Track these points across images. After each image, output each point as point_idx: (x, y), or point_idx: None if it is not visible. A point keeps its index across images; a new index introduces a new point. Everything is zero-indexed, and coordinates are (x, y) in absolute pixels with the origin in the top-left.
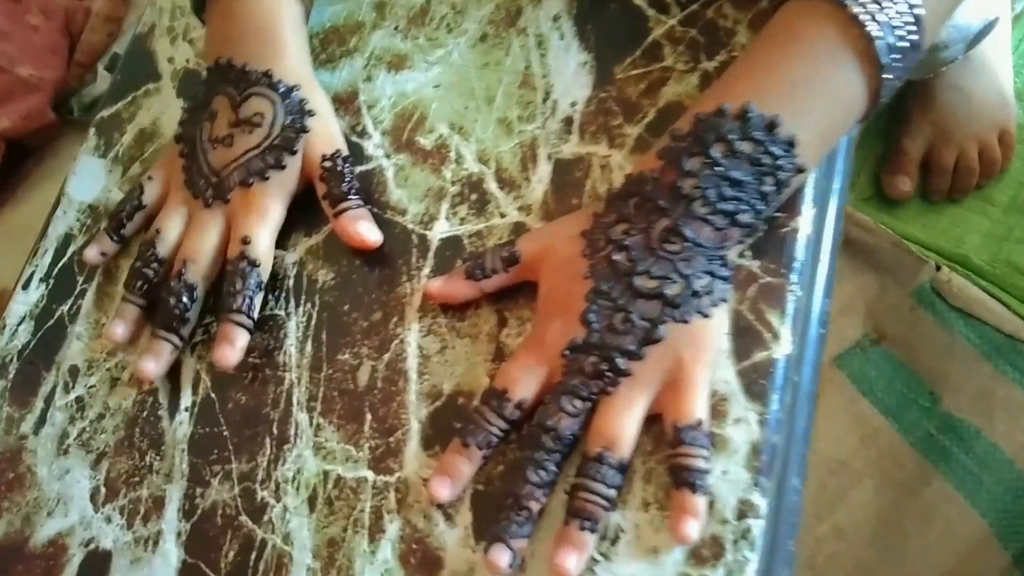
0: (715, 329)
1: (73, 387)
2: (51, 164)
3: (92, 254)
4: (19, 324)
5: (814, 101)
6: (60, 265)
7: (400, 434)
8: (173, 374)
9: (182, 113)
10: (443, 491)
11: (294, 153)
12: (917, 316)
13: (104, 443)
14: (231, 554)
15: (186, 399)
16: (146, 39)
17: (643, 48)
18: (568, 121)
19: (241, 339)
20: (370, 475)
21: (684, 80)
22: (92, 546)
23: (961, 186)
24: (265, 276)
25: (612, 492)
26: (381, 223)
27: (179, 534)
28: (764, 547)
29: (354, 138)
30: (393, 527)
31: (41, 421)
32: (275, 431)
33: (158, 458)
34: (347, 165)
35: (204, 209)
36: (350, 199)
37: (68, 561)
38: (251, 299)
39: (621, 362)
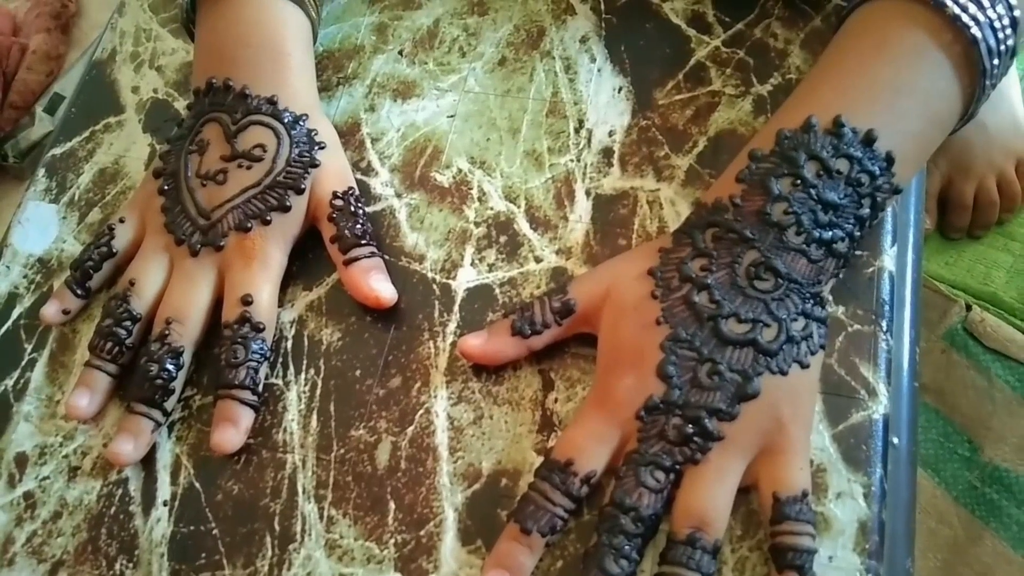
0: (813, 382)
1: (20, 480)
2: None
3: (51, 312)
4: None
5: (910, 111)
6: (3, 331)
7: (432, 526)
8: (147, 460)
9: (162, 145)
10: None
11: (301, 192)
12: (951, 360)
13: (61, 549)
14: None
15: (164, 491)
16: (105, 66)
17: (686, 71)
18: (607, 152)
19: (245, 419)
20: None
21: (736, 105)
22: None
23: (983, 222)
24: (270, 341)
25: None
26: (396, 272)
27: None
28: None
29: (358, 176)
30: None
31: None
32: (277, 527)
33: (131, 566)
34: (360, 204)
35: (191, 258)
36: (362, 245)
37: None
38: (256, 371)
39: (711, 424)
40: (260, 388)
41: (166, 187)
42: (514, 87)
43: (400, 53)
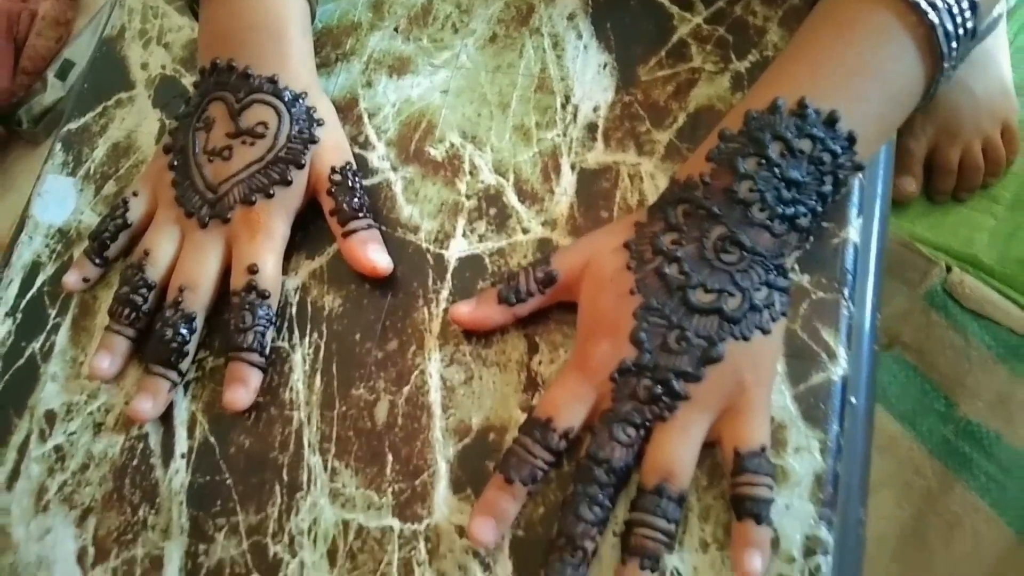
0: (775, 346)
1: (50, 435)
2: (2, 180)
3: (73, 280)
4: None
5: (872, 93)
6: (28, 297)
7: (427, 476)
8: (165, 417)
9: (171, 121)
10: (487, 533)
11: (302, 167)
12: (930, 319)
13: (89, 497)
14: None
15: (181, 445)
16: (115, 43)
17: (668, 48)
18: (592, 127)
19: (254, 379)
20: (396, 523)
21: (715, 81)
22: None
23: (967, 185)
24: (275, 307)
25: (672, 527)
26: (392, 242)
27: None
28: None
29: (356, 149)
30: None
31: (14, 474)
32: (285, 477)
33: (153, 512)
34: (358, 178)
35: (200, 230)
36: (360, 217)
37: None
38: (263, 335)
39: (678, 385)
40: (267, 350)
41: (176, 162)
42: (504, 63)
43: (396, 30)
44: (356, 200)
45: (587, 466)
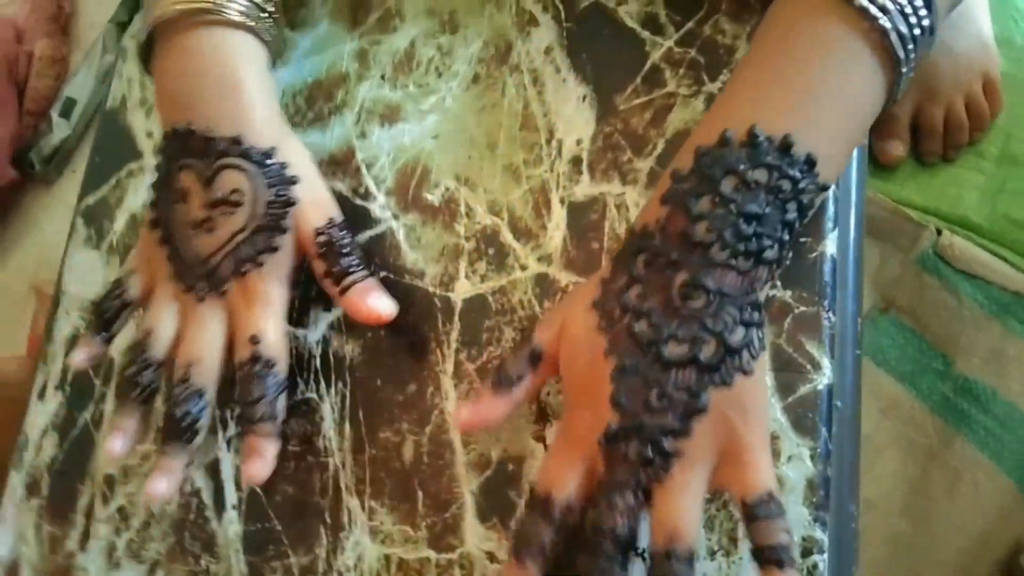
0: (760, 384)
1: (112, 497)
2: (18, 224)
3: (80, 359)
4: (42, 437)
5: (827, 109)
6: (73, 371)
7: (455, 508)
8: (214, 472)
9: (150, 192)
10: None
11: (284, 231)
12: (923, 282)
13: (155, 552)
14: None
15: (231, 497)
16: (119, 114)
17: (643, 74)
18: (576, 161)
19: (271, 450)
20: (432, 554)
21: (689, 105)
22: None
23: (954, 143)
24: (284, 372)
25: None
26: (400, 288)
27: None
28: None
29: (358, 200)
30: None
31: (85, 536)
32: (328, 519)
33: (214, 561)
34: (344, 234)
35: (199, 304)
36: (352, 273)
37: None
38: (273, 404)
39: (667, 443)
40: (280, 417)
41: (163, 237)
42: (489, 103)
43: (382, 78)
44: (345, 259)
45: (592, 540)
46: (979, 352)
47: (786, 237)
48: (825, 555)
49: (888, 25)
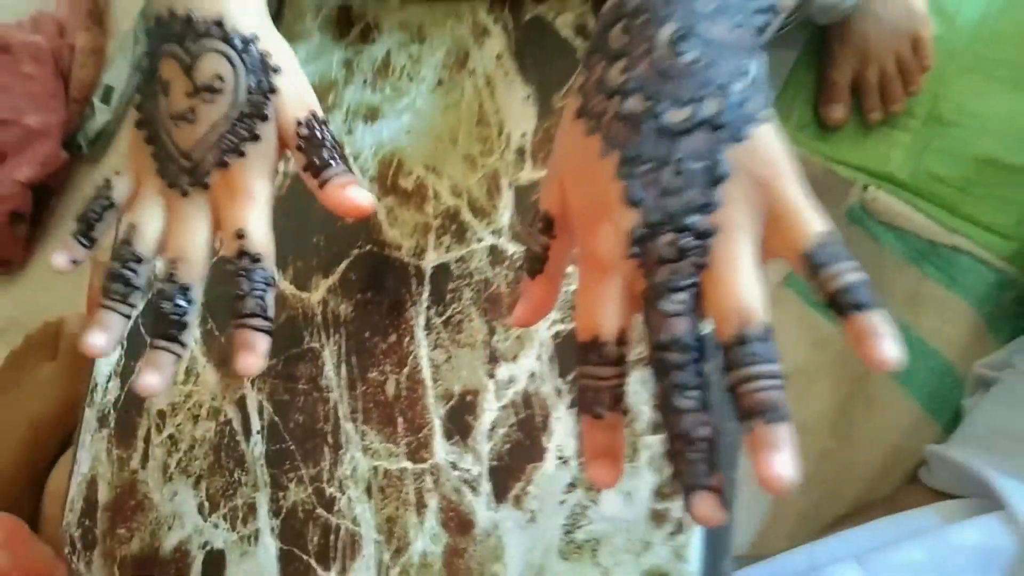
0: (778, 133)
1: (164, 427)
2: (72, 200)
3: (61, 261)
4: (108, 382)
5: None
6: (128, 329)
7: (427, 430)
8: (241, 406)
9: (135, 94)
10: (608, 476)
11: (266, 119)
12: (851, 232)
13: (199, 468)
14: (315, 539)
15: (256, 424)
16: None
17: (575, 76)
18: (521, 151)
19: (262, 343)
20: (409, 465)
21: None
22: (208, 548)
23: (891, 98)
24: (271, 267)
25: (776, 367)
26: (382, 259)
27: (272, 529)
28: None
29: None
30: (433, 502)
31: (145, 458)
32: (330, 440)
33: (244, 474)
34: (324, 128)
35: (183, 199)
36: (332, 166)
37: (192, 562)
38: (263, 298)
39: (699, 221)
40: (270, 312)
41: (148, 134)
42: (451, 103)
43: (364, 83)
44: (325, 151)
45: (657, 358)
46: (899, 293)
47: (764, 19)
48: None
49: None
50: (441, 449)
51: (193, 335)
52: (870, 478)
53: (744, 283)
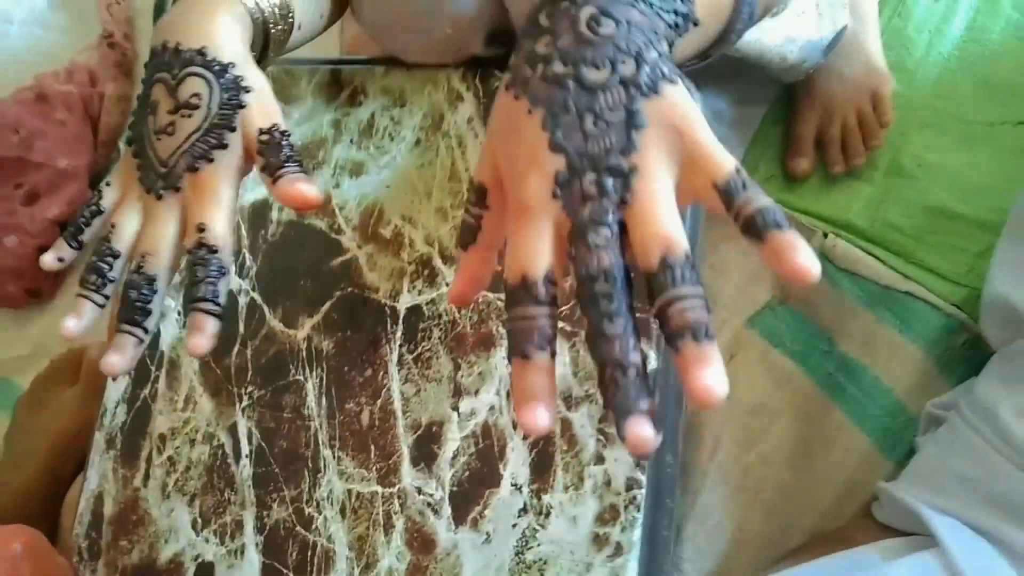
0: (686, 93)
1: (164, 449)
2: None
3: (49, 260)
4: (116, 407)
5: None
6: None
7: (396, 457)
8: (232, 431)
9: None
10: (539, 418)
11: (233, 130)
12: None
13: (194, 487)
14: (295, 555)
15: (245, 448)
16: None
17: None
18: None
19: (210, 326)
20: (379, 489)
21: None
22: (199, 560)
23: (852, 151)
24: (227, 260)
25: (699, 288)
26: (362, 300)
27: (257, 544)
28: (647, 507)
29: (333, 235)
30: (399, 523)
31: (146, 477)
32: (310, 465)
33: (233, 493)
34: (285, 137)
35: (157, 201)
36: (287, 166)
37: (185, 573)
38: (214, 285)
39: (619, 161)
40: (221, 299)
41: (136, 149)
42: (426, 161)
43: (351, 141)
44: (283, 154)
45: (585, 289)
46: (856, 335)
47: (675, 19)
48: (643, 490)
49: None
50: (408, 475)
51: (155, 322)
52: (825, 510)
53: (664, 215)
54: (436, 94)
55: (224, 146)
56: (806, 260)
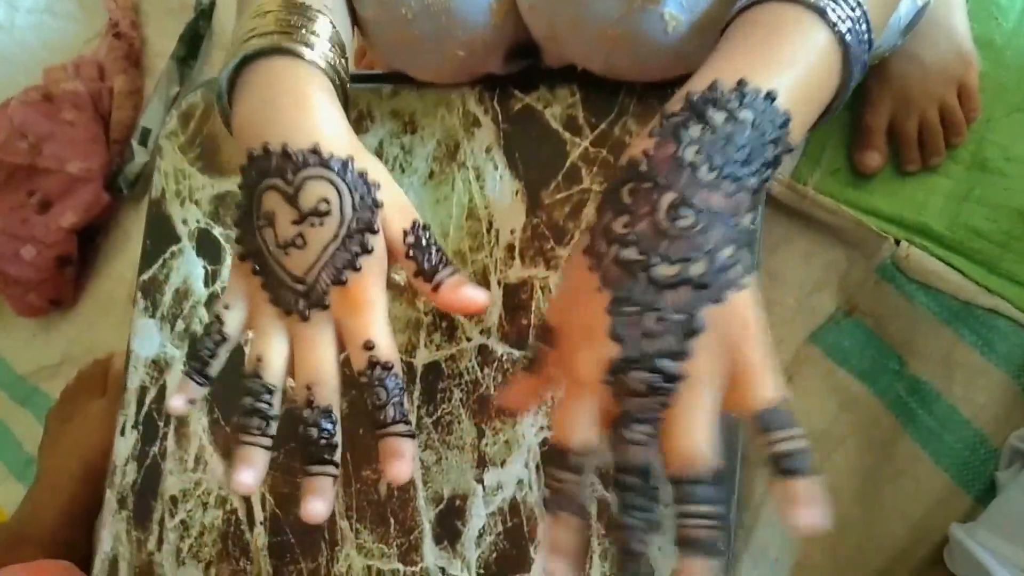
0: (754, 299)
1: (176, 512)
2: (116, 238)
3: (178, 403)
4: (125, 464)
5: (800, 81)
6: (143, 414)
7: (417, 533)
8: (245, 497)
9: (235, 230)
10: (562, 573)
11: (376, 232)
12: (882, 289)
13: (208, 555)
14: None
15: (259, 515)
16: (160, 204)
17: (564, 172)
18: (510, 248)
19: (409, 449)
20: (400, 567)
21: None
22: None
23: (931, 151)
24: (400, 372)
25: (716, 508)
26: None
27: None
28: None
29: None
30: None
31: (160, 541)
32: (327, 536)
33: (249, 563)
34: (428, 233)
35: (303, 323)
36: (443, 269)
37: None
38: (400, 404)
39: (670, 366)
40: (410, 417)
41: (256, 267)
42: (441, 196)
43: None
44: (435, 256)
45: (618, 478)
46: (931, 356)
47: (765, 175)
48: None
49: (845, 29)
50: (431, 553)
51: (339, 453)
52: (895, 549)
53: (699, 429)
54: (450, 118)
55: (369, 251)
56: (810, 519)
